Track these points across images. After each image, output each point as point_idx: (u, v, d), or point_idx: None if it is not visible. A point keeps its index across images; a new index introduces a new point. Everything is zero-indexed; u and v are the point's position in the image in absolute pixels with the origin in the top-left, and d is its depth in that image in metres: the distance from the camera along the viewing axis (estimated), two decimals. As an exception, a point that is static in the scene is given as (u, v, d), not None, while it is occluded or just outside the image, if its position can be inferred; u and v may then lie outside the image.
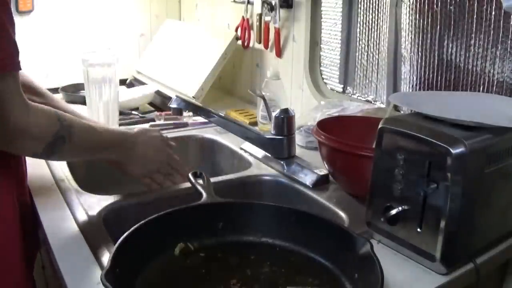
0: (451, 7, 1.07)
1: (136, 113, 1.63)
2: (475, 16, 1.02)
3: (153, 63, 1.99)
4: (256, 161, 1.21)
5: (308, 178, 1.06)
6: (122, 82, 1.96)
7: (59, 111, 0.83)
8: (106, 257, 0.76)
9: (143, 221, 0.75)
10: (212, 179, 0.99)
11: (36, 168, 1.10)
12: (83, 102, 1.51)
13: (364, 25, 1.34)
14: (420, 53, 1.16)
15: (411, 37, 1.17)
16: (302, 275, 0.75)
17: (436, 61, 1.12)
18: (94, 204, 0.95)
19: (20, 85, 0.76)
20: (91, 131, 0.90)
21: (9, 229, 0.85)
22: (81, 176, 1.12)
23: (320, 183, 1.05)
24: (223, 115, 1.20)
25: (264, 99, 1.27)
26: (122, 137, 0.97)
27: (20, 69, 0.76)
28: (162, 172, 1.05)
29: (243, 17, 1.74)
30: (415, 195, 0.75)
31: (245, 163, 1.23)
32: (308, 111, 1.35)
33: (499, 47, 0.99)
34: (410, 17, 1.16)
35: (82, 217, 0.90)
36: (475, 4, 1.02)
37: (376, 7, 1.29)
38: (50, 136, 0.80)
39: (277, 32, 1.58)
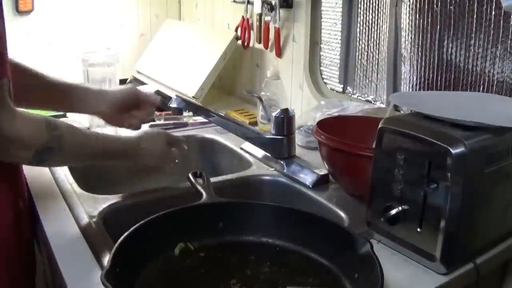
0: (451, 7, 1.07)
1: (136, 113, 1.62)
2: (475, 16, 1.02)
3: (153, 63, 1.99)
4: (256, 161, 1.21)
5: (308, 178, 1.06)
6: (122, 82, 1.96)
7: (52, 119, 0.81)
8: (106, 257, 0.76)
9: (143, 221, 0.75)
10: (212, 179, 0.99)
11: (36, 168, 1.10)
12: (83, 102, 1.50)
13: (364, 25, 1.34)
14: (420, 53, 1.16)
15: (411, 37, 1.17)
16: (302, 275, 0.75)
17: (436, 61, 1.12)
18: (94, 204, 0.95)
19: (7, 93, 0.74)
20: (84, 142, 0.88)
21: (8, 233, 0.85)
22: (81, 176, 1.12)
23: (320, 183, 1.05)
24: (223, 114, 1.20)
25: (261, 100, 1.27)
26: (122, 147, 0.95)
27: (5, 75, 0.73)
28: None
29: (243, 17, 1.74)
30: (415, 195, 0.75)
31: (245, 163, 1.23)
32: (308, 111, 1.35)
33: (499, 47, 0.99)
34: (410, 17, 1.16)
35: (82, 217, 0.90)
36: (475, 4, 1.02)
37: (376, 7, 1.29)
38: (38, 145, 0.78)
39: (277, 32, 1.58)
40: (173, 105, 1.13)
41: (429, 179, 0.73)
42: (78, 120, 1.40)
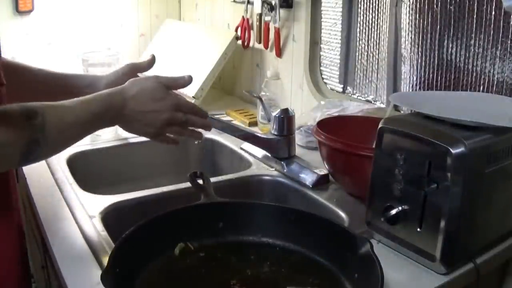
0: (451, 7, 1.06)
1: (136, 113, 1.62)
2: (475, 16, 1.02)
3: (153, 63, 1.98)
4: (256, 161, 1.21)
5: (308, 178, 1.06)
6: (122, 82, 1.95)
7: (27, 105, 0.68)
8: (106, 257, 0.76)
9: (142, 221, 0.75)
10: (212, 179, 0.99)
11: (36, 168, 1.10)
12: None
13: (364, 25, 1.34)
14: (420, 53, 1.16)
15: (411, 37, 1.17)
16: (302, 275, 0.75)
17: (436, 61, 1.12)
18: (94, 204, 0.95)
19: None
20: (66, 114, 0.73)
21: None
22: (81, 176, 1.12)
23: (320, 183, 1.05)
24: (222, 120, 1.17)
25: (261, 100, 1.27)
26: (106, 102, 0.80)
27: None
28: (176, 123, 0.87)
29: (243, 17, 1.74)
30: (415, 195, 0.75)
31: (245, 163, 1.23)
32: (308, 111, 1.35)
33: (499, 47, 0.99)
34: (410, 17, 1.16)
35: (82, 217, 0.90)
36: (475, 4, 1.02)
37: (376, 7, 1.29)
38: (22, 144, 0.66)
39: (277, 32, 1.58)
40: (173, 105, 1.12)
41: (429, 179, 0.73)
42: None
